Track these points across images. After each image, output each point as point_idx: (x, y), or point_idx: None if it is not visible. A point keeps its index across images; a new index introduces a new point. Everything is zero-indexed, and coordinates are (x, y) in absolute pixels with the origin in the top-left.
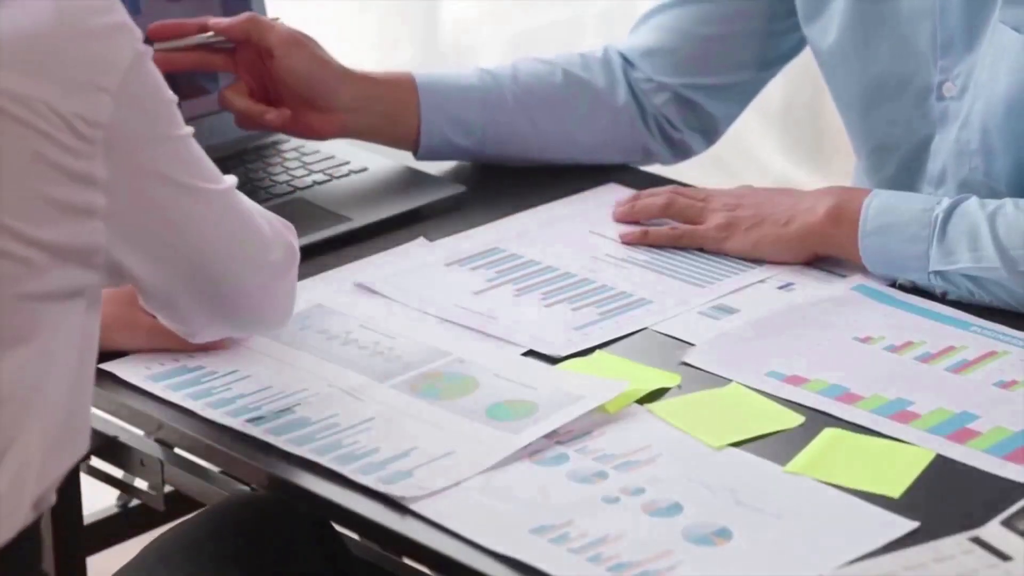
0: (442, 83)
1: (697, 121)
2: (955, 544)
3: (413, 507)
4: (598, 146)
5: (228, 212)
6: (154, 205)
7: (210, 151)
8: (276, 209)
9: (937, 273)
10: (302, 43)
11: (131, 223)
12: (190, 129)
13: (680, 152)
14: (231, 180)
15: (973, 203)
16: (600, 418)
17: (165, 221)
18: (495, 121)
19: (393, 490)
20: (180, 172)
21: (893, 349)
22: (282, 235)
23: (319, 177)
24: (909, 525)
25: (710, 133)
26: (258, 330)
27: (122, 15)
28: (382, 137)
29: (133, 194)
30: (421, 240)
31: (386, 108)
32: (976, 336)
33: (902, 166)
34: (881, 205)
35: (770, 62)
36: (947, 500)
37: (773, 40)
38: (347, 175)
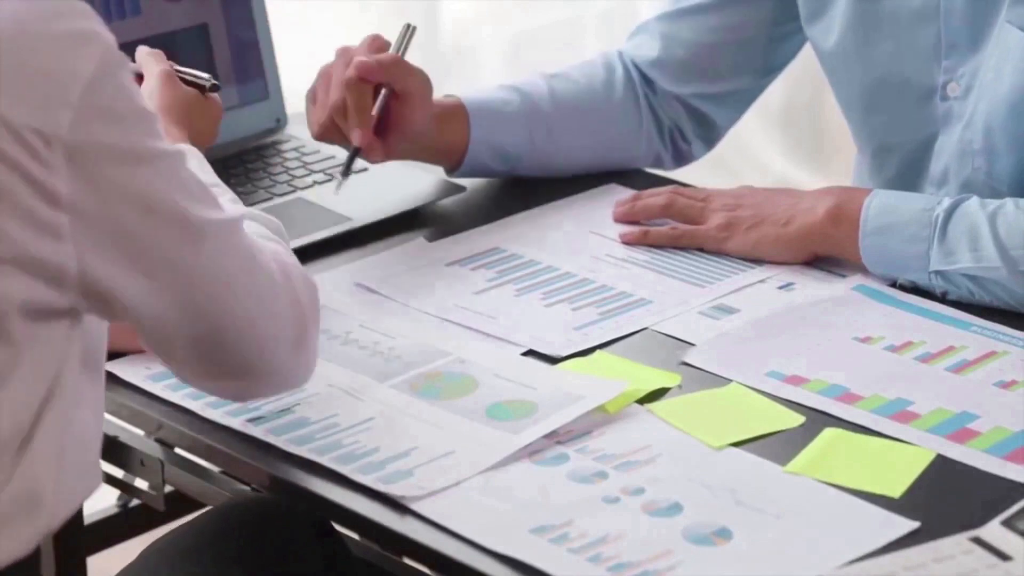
0: (489, 110)
1: (702, 130)
2: (955, 544)
3: (413, 507)
4: (619, 162)
5: (222, 246)
6: (131, 229)
7: (210, 151)
8: (276, 209)
9: (937, 273)
10: (429, 87)
11: (107, 247)
12: (180, 147)
13: (682, 159)
14: (233, 211)
15: (973, 203)
16: (600, 418)
17: (144, 249)
18: (533, 149)
19: (393, 490)
20: (161, 194)
21: (893, 349)
22: (292, 286)
23: (319, 177)
24: (909, 525)
25: (712, 140)
26: (260, 391)
27: (88, 22)
28: (426, 160)
29: (106, 216)
30: (421, 240)
31: (443, 137)
32: (976, 336)
33: (905, 166)
34: (881, 205)
35: (774, 66)
36: (947, 500)
37: (777, 44)
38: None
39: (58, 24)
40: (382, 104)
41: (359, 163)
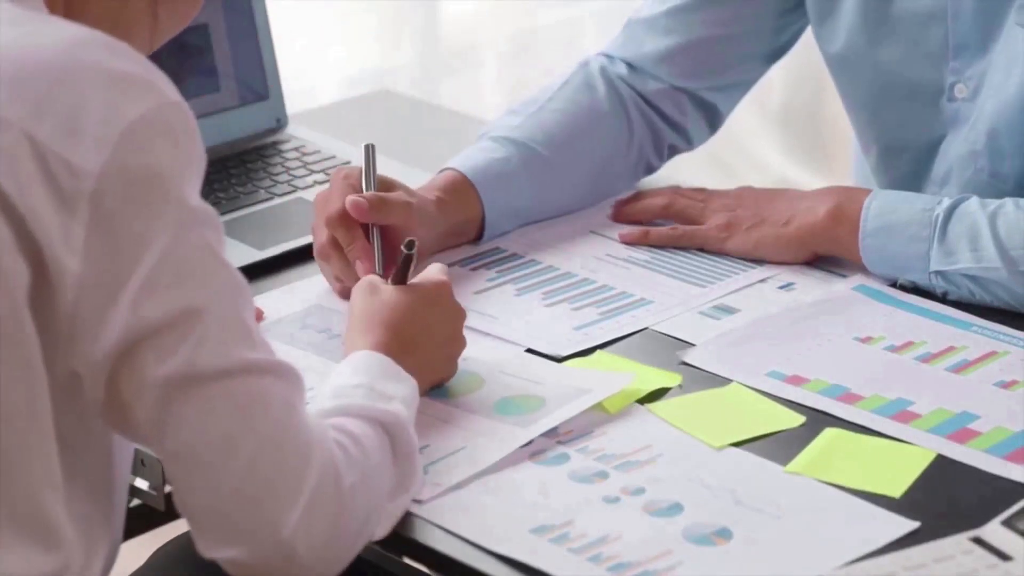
0: (492, 175)
1: (706, 119)
2: (955, 544)
3: (413, 507)
4: (612, 186)
5: (245, 385)
6: (135, 301)
7: (210, 152)
8: (276, 209)
9: (938, 273)
10: (415, 210)
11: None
12: (207, 209)
13: (678, 153)
14: (265, 353)
15: (974, 203)
16: (601, 418)
17: (147, 336)
18: (542, 198)
19: None
20: (172, 280)
21: (893, 349)
22: (329, 455)
23: (319, 177)
24: (909, 525)
25: (716, 126)
26: (271, 559)
27: (146, 71)
28: (445, 247)
29: (111, 277)
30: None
31: (454, 219)
32: (976, 336)
33: (913, 166)
34: (881, 205)
35: (782, 50)
36: (947, 500)
37: (784, 29)
38: None
39: (113, 62)
40: (379, 235)
41: (359, 162)
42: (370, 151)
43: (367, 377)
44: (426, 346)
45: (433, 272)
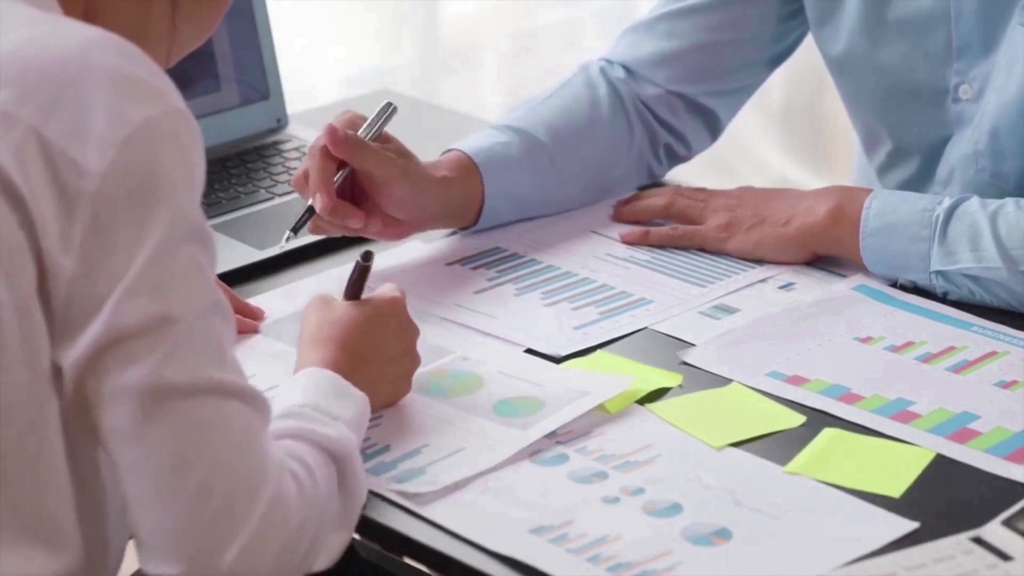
0: (496, 157)
1: (706, 125)
2: (955, 544)
3: (414, 507)
4: (612, 186)
5: (208, 406)
6: (115, 312)
7: (210, 152)
8: (276, 209)
9: (938, 273)
10: (402, 170)
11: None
12: (206, 256)
13: (679, 161)
14: (235, 376)
15: (974, 203)
16: (600, 418)
17: (123, 347)
18: (541, 188)
19: (407, 488)
20: (154, 287)
21: (893, 349)
22: (282, 489)
23: None
24: (909, 525)
25: (717, 133)
26: None
27: (158, 80)
28: (439, 227)
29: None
30: (420, 240)
31: (454, 199)
32: (977, 336)
33: (918, 168)
34: (882, 205)
35: (781, 57)
36: (947, 500)
37: (783, 36)
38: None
39: (123, 65)
40: (343, 176)
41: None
42: (388, 109)
43: (316, 396)
44: (377, 363)
45: (387, 289)
